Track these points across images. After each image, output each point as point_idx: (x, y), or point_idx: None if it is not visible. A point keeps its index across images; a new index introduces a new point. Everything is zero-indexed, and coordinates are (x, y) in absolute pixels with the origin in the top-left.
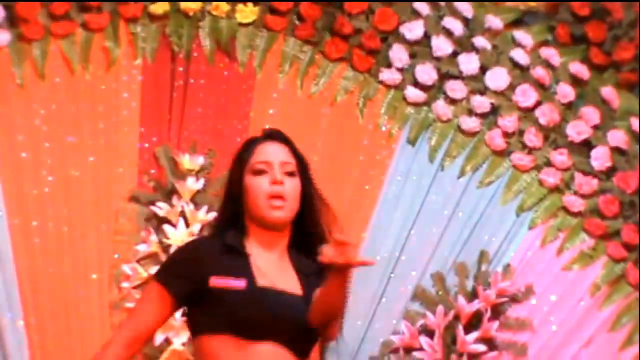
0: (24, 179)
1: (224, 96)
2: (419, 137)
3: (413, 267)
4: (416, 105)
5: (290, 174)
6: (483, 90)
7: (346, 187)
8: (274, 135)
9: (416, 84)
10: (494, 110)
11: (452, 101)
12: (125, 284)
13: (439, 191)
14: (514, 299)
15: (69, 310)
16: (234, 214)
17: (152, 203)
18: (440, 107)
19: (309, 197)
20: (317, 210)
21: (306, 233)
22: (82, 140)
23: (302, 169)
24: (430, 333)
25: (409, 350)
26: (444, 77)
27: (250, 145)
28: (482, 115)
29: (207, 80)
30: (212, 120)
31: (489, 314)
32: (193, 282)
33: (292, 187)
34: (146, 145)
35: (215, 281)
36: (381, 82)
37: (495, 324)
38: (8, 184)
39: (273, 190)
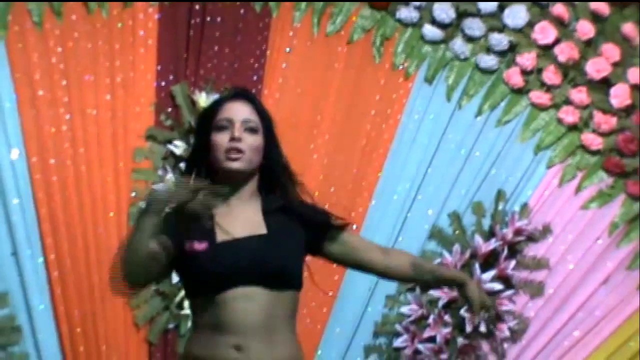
0: (42, 117)
1: (241, 34)
2: (436, 76)
3: (430, 207)
4: (434, 43)
5: (252, 130)
6: (501, 28)
7: (363, 127)
8: (239, 94)
9: (434, 22)
10: (512, 48)
11: (470, 39)
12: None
13: (456, 130)
14: (531, 238)
15: (87, 248)
16: (200, 168)
17: (169, 141)
18: (458, 45)
19: (271, 152)
20: (277, 163)
21: (271, 180)
22: (99, 78)
23: (266, 127)
24: None
25: (425, 288)
26: (462, 15)
27: (217, 103)
28: (500, 53)
29: (223, 19)
30: (229, 59)
31: (505, 253)
32: (176, 237)
33: (252, 142)
34: (163, 83)
35: (187, 245)
36: (398, 21)
37: (512, 262)
38: (26, 123)
39: (231, 145)
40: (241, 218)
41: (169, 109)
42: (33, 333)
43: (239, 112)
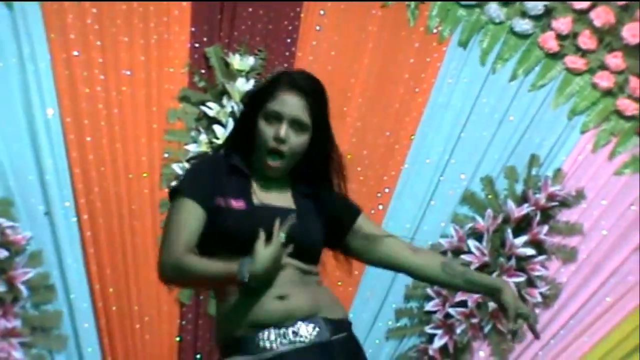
0: (76, 77)
1: None
2: (471, 40)
3: (462, 170)
4: (468, 7)
5: (299, 128)
6: None
7: (396, 90)
8: (298, 86)
9: None
10: (548, 13)
11: (505, 3)
12: (174, 183)
13: (490, 94)
14: (564, 203)
15: (120, 208)
16: (242, 145)
17: (202, 103)
18: (493, 9)
19: (315, 146)
20: (320, 158)
21: (310, 170)
22: (134, 39)
23: (316, 123)
24: (478, 236)
25: (457, 253)
26: None
27: (271, 87)
28: (536, 18)
29: None
30: (263, 21)
31: (538, 217)
32: (212, 197)
33: (296, 143)
34: (197, 45)
35: (219, 200)
36: None
37: (545, 227)
38: (61, 83)
39: (274, 145)
40: (274, 192)
41: (203, 71)
42: (66, 292)
43: (290, 107)
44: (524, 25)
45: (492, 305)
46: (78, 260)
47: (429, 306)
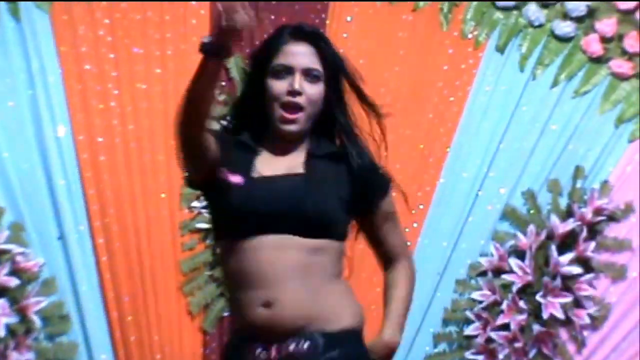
0: (88, 93)
1: (299, 3)
2: (509, 44)
3: (502, 184)
4: (506, 9)
5: (314, 78)
6: None
7: (429, 99)
8: (302, 34)
9: None
10: (591, 14)
11: (545, 4)
12: (195, 204)
13: (530, 102)
14: (612, 218)
15: (138, 230)
16: (251, 114)
17: (224, 118)
18: (532, 11)
19: (333, 99)
20: (340, 112)
21: (329, 125)
22: (149, 51)
23: (331, 73)
24: (520, 254)
25: (497, 272)
26: None
27: (274, 43)
28: (578, 19)
29: None
30: None
31: (584, 233)
32: (216, 159)
33: (312, 93)
34: None
35: (220, 172)
36: None
37: (592, 244)
38: (72, 99)
39: (289, 100)
40: (285, 161)
41: (223, 83)
42: (82, 321)
43: (300, 58)
44: (565, 27)
45: (536, 328)
46: (94, 287)
47: (469, 330)
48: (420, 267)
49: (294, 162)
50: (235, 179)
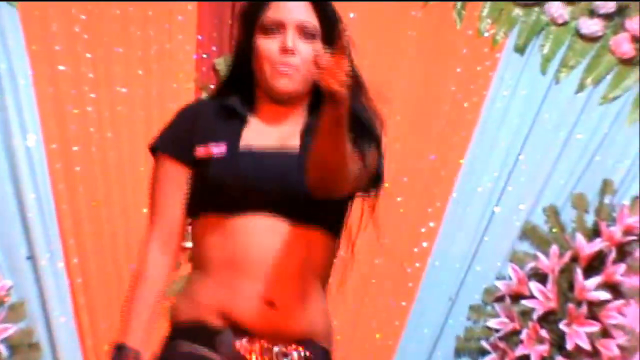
0: (62, 97)
1: None
2: (529, 44)
3: (521, 200)
4: (526, 5)
5: (309, 36)
6: None
7: (442, 105)
8: None
9: None
10: (620, 11)
11: (570, 0)
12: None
13: (553, 108)
14: None
15: (116, 249)
16: (241, 79)
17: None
18: (555, 7)
19: None
20: None
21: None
22: (130, 50)
23: (328, 30)
24: (542, 278)
25: (516, 297)
26: None
27: None
28: (606, 17)
29: None
30: None
31: (613, 254)
32: (190, 150)
33: (307, 54)
34: (204, 55)
35: (199, 150)
36: None
37: (622, 267)
38: (44, 103)
39: (281, 59)
40: (278, 130)
41: (212, 86)
42: (53, 351)
43: (293, 12)
44: (592, 26)
45: None
46: (67, 312)
47: None
48: (430, 291)
49: (288, 133)
50: (218, 148)
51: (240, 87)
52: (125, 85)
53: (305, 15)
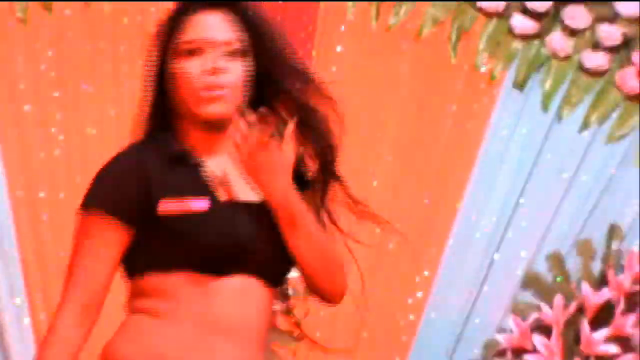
0: (28, 139)
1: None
2: (529, 80)
3: (523, 246)
4: (525, 38)
5: (237, 54)
6: (612, 18)
7: (435, 145)
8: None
9: (525, 11)
10: (627, 43)
11: (573, 32)
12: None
13: (555, 148)
14: None
15: None
16: (158, 111)
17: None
18: (557, 40)
19: (270, 74)
20: (283, 93)
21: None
22: (101, 89)
23: (258, 41)
24: (546, 330)
25: (519, 352)
26: (561, 1)
27: (177, 16)
28: (612, 50)
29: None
30: None
31: (622, 305)
32: (139, 207)
33: (237, 73)
34: None
35: (167, 206)
36: (480, 10)
37: (631, 318)
38: (9, 146)
39: (206, 82)
40: (230, 173)
41: None
42: None
43: (212, 29)
44: (596, 59)
45: None
46: None
47: None
48: (426, 345)
49: (241, 181)
50: (198, 204)
51: (162, 120)
52: (95, 126)
53: (228, 31)
